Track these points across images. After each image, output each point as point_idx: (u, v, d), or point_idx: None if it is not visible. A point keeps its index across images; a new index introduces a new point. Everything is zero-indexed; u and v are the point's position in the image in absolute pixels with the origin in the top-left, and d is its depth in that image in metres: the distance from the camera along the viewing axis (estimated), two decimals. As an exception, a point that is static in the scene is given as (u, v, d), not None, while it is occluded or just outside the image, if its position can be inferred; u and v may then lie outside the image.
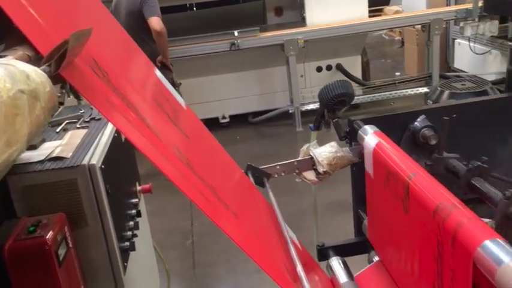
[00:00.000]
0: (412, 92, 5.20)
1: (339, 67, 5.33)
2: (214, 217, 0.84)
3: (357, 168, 1.37)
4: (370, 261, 1.38)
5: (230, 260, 2.99)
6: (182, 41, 4.77)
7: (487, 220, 1.07)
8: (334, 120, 1.43)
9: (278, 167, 1.37)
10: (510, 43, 1.47)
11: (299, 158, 1.38)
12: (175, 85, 4.09)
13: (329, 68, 5.37)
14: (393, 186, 1.07)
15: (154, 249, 2.26)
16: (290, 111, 5.11)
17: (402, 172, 1.04)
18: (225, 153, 1.38)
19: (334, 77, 5.35)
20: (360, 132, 1.29)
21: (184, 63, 4.72)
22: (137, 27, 3.80)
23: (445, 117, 1.27)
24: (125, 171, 1.76)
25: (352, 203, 1.46)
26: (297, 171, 1.39)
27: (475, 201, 1.23)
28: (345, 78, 5.25)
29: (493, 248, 0.75)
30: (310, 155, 1.37)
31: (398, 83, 5.36)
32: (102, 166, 1.38)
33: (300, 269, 0.90)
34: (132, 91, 1.02)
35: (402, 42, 7.29)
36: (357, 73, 5.42)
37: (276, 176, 1.38)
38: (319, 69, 5.34)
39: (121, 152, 1.65)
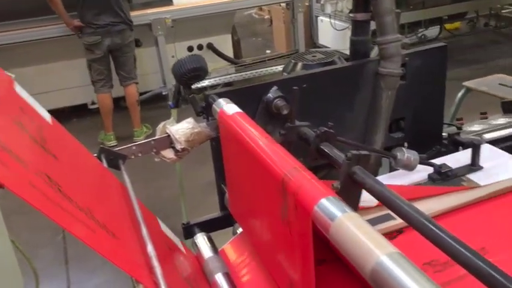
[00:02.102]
0: (281, 68, 5.38)
1: (210, 46, 5.33)
2: (94, 245, 0.78)
3: (216, 142, 1.37)
4: (234, 233, 1.40)
5: (106, 250, 2.87)
6: (34, 22, 4.43)
7: (336, 182, 1.14)
8: (190, 96, 1.41)
9: (134, 148, 1.32)
10: (351, 15, 1.56)
11: (156, 137, 1.34)
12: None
13: (200, 47, 5.34)
14: (244, 156, 1.09)
15: (17, 249, 2.07)
16: (164, 93, 5.00)
17: (252, 141, 1.05)
18: (94, 160, 1.27)
19: (206, 56, 5.32)
20: (214, 106, 1.28)
21: (45, 45, 4.38)
22: None
23: (295, 87, 1.32)
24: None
25: (215, 178, 1.47)
26: (154, 150, 1.35)
27: (329, 166, 1.30)
28: (215, 56, 5.28)
29: (328, 205, 0.78)
30: (167, 133, 1.34)
31: (268, 60, 5.51)
32: None
33: (150, 249, 0.87)
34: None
35: (271, 21, 7.50)
36: (229, 52, 5.47)
37: (133, 157, 1.32)
38: (190, 49, 5.29)
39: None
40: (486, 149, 1.49)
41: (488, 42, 6.52)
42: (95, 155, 1.27)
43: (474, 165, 1.38)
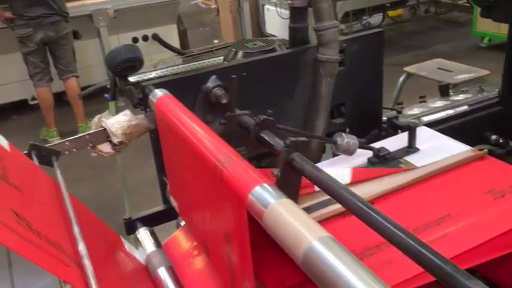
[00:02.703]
0: (229, 58, 5.35)
1: (156, 37, 5.22)
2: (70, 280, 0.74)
3: (155, 134, 1.34)
4: (178, 226, 1.38)
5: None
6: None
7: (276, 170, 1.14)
8: (126, 88, 1.36)
9: (68, 143, 1.26)
10: (289, 1, 1.55)
11: (91, 131, 1.29)
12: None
13: (145, 38, 5.22)
14: (181, 147, 1.07)
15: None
16: (108, 86, 4.85)
17: (188, 132, 1.03)
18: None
19: (152, 47, 5.23)
20: (150, 96, 1.25)
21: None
22: None
23: (233, 76, 1.30)
24: None
25: (156, 171, 1.43)
26: (90, 145, 1.30)
27: (272, 153, 1.30)
28: (162, 48, 5.18)
29: (261, 192, 0.78)
30: (103, 127, 1.29)
31: (216, 50, 5.46)
32: None
33: (82, 247, 0.84)
34: None
35: (218, 10, 7.42)
36: (175, 42, 5.38)
37: (67, 153, 1.27)
38: (135, 40, 5.15)
39: None
40: (423, 132, 1.54)
41: (428, 28, 6.74)
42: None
43: (411, 148, 1.42)
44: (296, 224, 0.70)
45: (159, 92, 1.23)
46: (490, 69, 2.69)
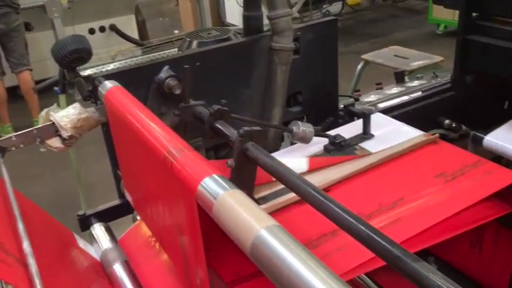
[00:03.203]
0: (190, 49, 5.28)
1: (113, 28, 5.10)
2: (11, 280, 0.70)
3: (107, 127, 1.30)
4: (134, 220, 1.36)
5: None
6: None
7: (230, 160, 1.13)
8: (75, 80, 1.32)
9: (14, 139, 1.21)
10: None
11: (38, 126, 1.25)
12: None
13: (102, 29, 5.10)
14: (132, 140, 1.04)
15: None
16: (65, 80, 4.72)
17: (138, 123, 1.01)
18: None
19: (110, 39, 5.12)
20: (99, 88, 1.21)
21: None
22: None
23: (186, 66, 1.28)
24: None
25: (110, 164, 1.40)
26: (38, 140, 1.25)
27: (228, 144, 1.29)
28: (120, 39, 5.07)
29: (211, 183, 0.77)
30: (51, 121, 1.25)
31: (176, 40, 5.37)
32: None
33: (26, 245, 0.81)
34: None
35: (177, 0, 7.31)
36: (133, 33, 5.27)
37: (14, 149, 1.22)
38: (91, 31, 5.03)
39: None
40: (378, 118, 1.56)
41: (387, 16, 6.85)
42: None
43: (366, 134, 1.44)
44: (244, 214, 0.70)
45: (108, 84, 1.19)
46: (445, 56, 2.76)
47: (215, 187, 0.76)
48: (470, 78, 1.88)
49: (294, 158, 1.37)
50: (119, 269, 1.14)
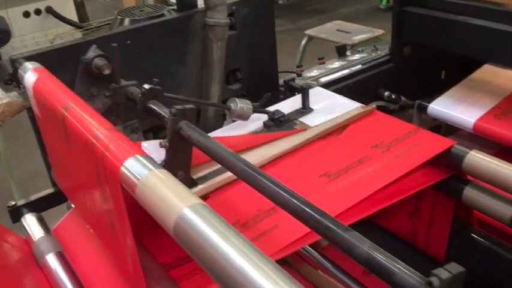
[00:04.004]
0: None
1: (50, 10, 4.85)
2: None
3: (32, 112, 1.23)
4: (69, 208, 1.30)
5: None
6: None
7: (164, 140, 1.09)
8: (-6, 63, 1.23)
9: None
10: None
11: (-45, 114, 1.16)
12: None
13: (38, 12, 4.84)
14: (55, 122, 0.98)
15: None
16: None
17: (60, 105, 0.95)
18: None
19: (47, 22, 4.88)
20: (19, 71, 1.13)
21: None
22: None
23: (114, 44, 1.22)
24: None
25: (40, 151, 1.33)
26: (-44, 129, 1.17)
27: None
28: (58, 21, 4.84)
29: (134, 164, 0.73)
30: (-31, 108, 1.16)
31: (117, 22, 5.19)
32: None
33: None
34: None
35: (118, -20, 7.04)
36: (72, 15, 5.04)
37: None
38: (26, 14, 4.76)
39: None
40: (317, 92, 1.56)
41: (332, -7, 6.88)
42: None
43: (305, 108, 1.43)
44: (168, 193, 0.67)
45: (29, 65, 1.12)
46: (387, 29, 2.79)
47: (138, 168, 0.72)
48: (407, 50, 1.91)
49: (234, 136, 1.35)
50: (52, 260, 1.09)
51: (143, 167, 0.72)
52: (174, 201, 0.65)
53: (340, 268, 1.31)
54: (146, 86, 1.17)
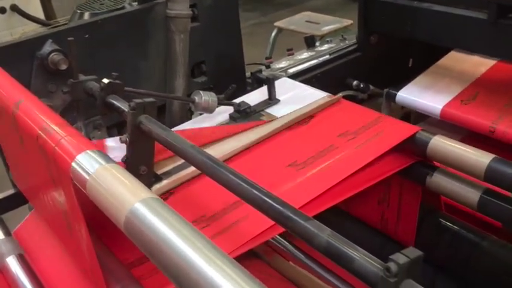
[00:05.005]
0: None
1: (15, 8, 4.72)
2: None
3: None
4: (30, 210, 1.25)
5: None
6: None
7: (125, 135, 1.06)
8: None
9: None
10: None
11: None
12: None
13: (3, 10, 4.70)
14: (7, 120, 0.94)
15: None
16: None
17: (11, 102, 0.91)
18: None
19: (12, 20, 4.75)
20: (-30, 68, 1.09)
21: None
22: None
23: (70, 38, 1.18)
24: None
25: (-1, 152, 1.28)
26: None
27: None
28: (24, 19, 4.72)
29: (85, 159, 0.71)
30: None
31: (86, 18, 5.09)
32: None
33: None
34: None
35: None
36: (38, 13, 4.91)
37: None
38: (-10, 13, 4.63)
39: None
40: (285, 83, 1.54)
41: (303, -15, 6.87)
42: None
43: (271, 99, 1.41)
44: (119, 188, 0.64)
45: (-20, 62, 1.07)
46: (356, 20, 2.80)
47: (89, 163, 0.69)
48: (374, 39, 1.91)
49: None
50: (12, 263, 1.05)
51: (94, 162, 0.69)
52: (125, 195, 0.62)
53: (312, 258, 1.31)
54: (105, 81, 1.14)
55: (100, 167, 0.68)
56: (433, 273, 1.25)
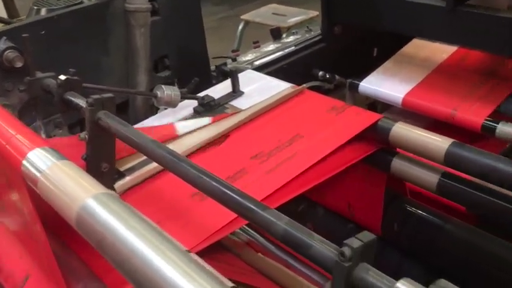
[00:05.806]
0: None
1: (-26, 7, 4.58)
2: None
3: None
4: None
5: None
6: None
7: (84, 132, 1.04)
8: None
9: None
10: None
11: None
12: None
13: (-38, 9, 4.56)
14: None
15: None
16: None
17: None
18: None
19: (-28, 19, 4.60)
20: None
21: None
22: None
23: (24, 35, 1.15)
24: None
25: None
26: None
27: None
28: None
29: (35, 158, 0.69)
30: None
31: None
32: None
33: None
34: None
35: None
36: (0, 11, 4.78)
37: None
38: None
39: None
40: (250, 75, 1.54)
41: (271, -22, 6.85)
42: None
43: (235, 92, 1.41)
44: (71, 184, 0.63)
45: None
46: (322, 11, 2.80)
47: (39, 161, 0.68)
48: (338, 29, 1.92)
49: (163, 123, 1.31)
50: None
51: (45, 160, 0.68)
52: (77, 191, 0.61)
53: (283, 249, 1.31)
54: (62, 77, 1.11)
55: (52, 165, 0.66)
56: (399, 258, 1.27)
